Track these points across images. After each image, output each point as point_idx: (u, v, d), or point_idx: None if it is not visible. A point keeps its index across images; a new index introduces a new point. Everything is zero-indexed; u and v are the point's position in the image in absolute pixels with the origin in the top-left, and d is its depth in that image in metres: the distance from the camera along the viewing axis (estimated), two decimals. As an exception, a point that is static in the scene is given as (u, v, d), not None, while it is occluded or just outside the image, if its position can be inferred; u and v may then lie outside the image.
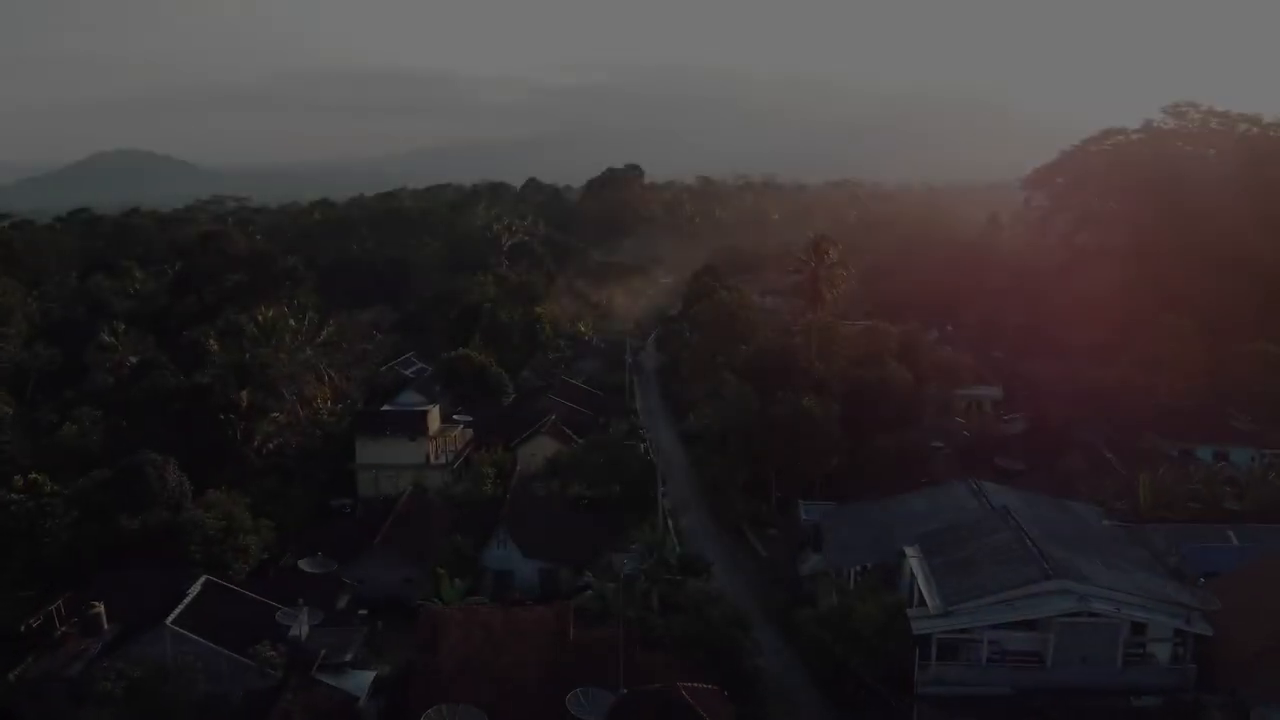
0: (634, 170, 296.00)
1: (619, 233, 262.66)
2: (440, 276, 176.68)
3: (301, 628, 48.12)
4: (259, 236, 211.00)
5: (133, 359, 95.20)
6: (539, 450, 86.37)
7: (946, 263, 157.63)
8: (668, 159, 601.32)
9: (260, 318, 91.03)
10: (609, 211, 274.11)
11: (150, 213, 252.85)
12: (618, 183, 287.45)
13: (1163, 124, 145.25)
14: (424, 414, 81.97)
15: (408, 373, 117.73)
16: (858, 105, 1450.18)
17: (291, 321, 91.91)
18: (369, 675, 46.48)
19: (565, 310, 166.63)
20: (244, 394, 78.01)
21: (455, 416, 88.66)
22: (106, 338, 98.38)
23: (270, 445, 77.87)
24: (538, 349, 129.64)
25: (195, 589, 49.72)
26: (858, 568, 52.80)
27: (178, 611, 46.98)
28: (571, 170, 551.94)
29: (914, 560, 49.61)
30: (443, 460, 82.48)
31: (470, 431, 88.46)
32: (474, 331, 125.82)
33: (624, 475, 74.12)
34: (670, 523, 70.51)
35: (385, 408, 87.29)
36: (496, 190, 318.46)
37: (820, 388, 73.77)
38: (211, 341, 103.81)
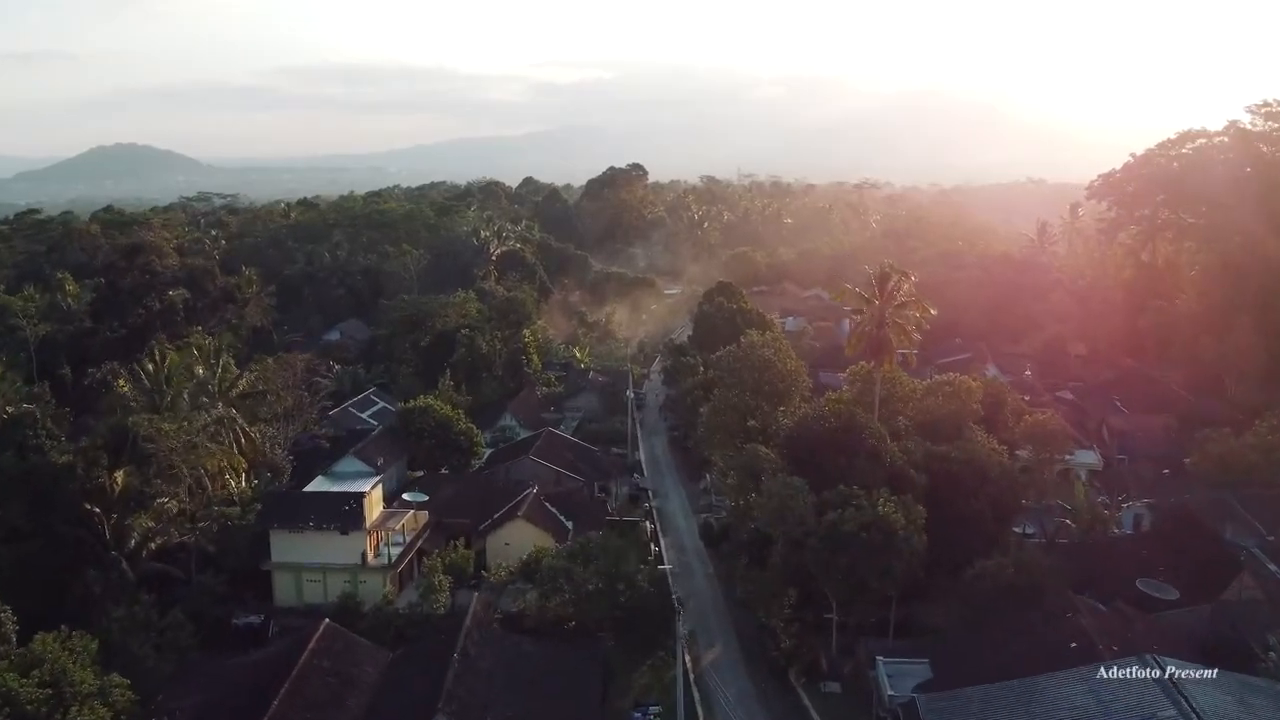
0: (637, 169, 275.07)
1: (620, 238, 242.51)
2: (421, 288, 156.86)
3: None
4: (223, 241, 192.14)
5: (9, 410, 74.88)
6: (515, 538, 66.72)
7: (993, 279, 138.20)
8: (670, 158, 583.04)
9: (152, 365, 70.97)
10: (610, 214, 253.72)
11: (117, 212, 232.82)
12: (619, 182, 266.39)
13: (1250, 125, 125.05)
14: (359, 499, 61.96)
15: (365, 415, 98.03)
16: (859, 106, 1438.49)
17: (199, 369, 71.62)
18: None
19: (559, 330, 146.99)
20: (118, 475, 58.12)
21: (406, 496, 68.60)
22: (-23, 382, 78.34)
23: (152, 545, 58.03)
24: (523, 384, 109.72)
25: None
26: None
27: None
28: (572, 168, 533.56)
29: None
30: (384, 559, 62.63)
31: (426, 514, 68.51)
32: (447, 364, 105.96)
33: (625, 596, 54.31)
34: (690, 673, 50.82)
35: (314, 485, 67.30)
36: (490, 189, 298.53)
37: (898, 478, 53.93)
38: (122, 383, 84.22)
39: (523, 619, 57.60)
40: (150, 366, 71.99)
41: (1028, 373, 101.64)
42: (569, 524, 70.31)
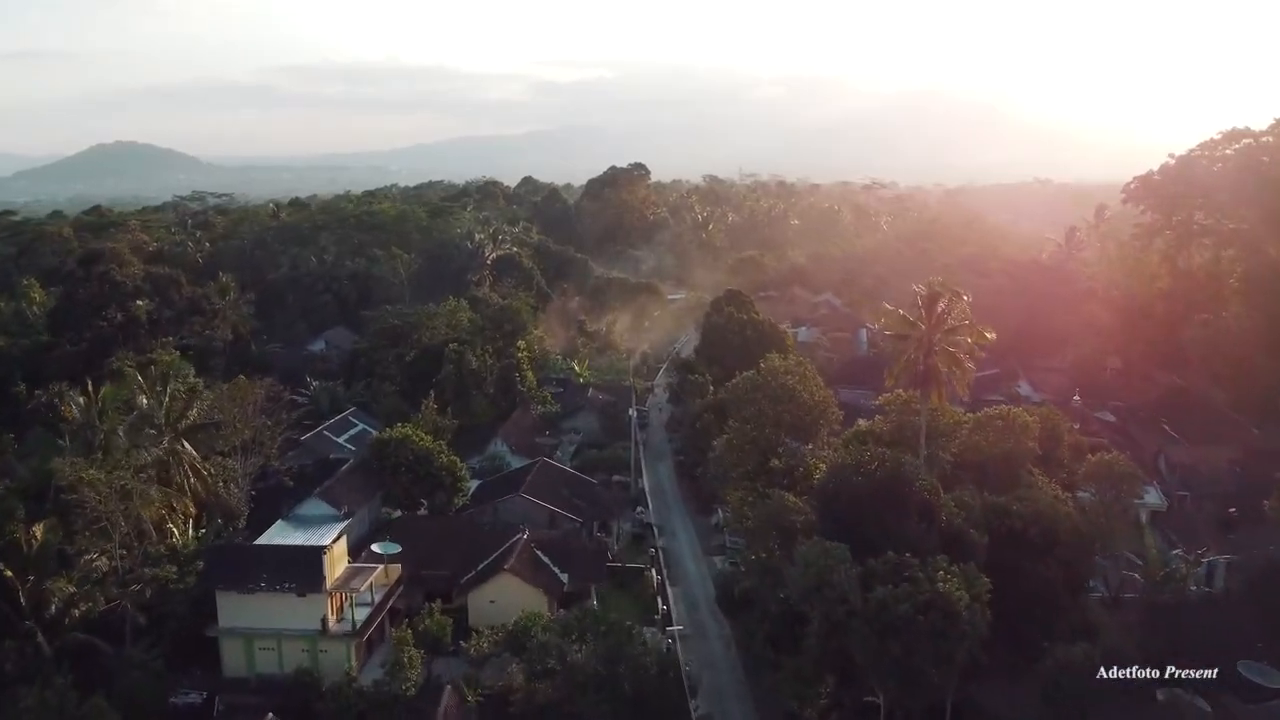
0: (639, 169, 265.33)
1: (622, 240, 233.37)
2: (412, 294, 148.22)
3: None
4: (206, 244, 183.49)
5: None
6: (501, 595, 58.20)
7: (1021, 287, 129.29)
8: (670, 158, 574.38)
9: (84, 398, 62.27)
10: (611, 214, 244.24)
11: (101, 213, 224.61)
12: (621, 182, 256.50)
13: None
14: (319, 555, 53.24)
15: (342, 439, 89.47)
16: (859, 106, 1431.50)
17: (143, 399, 62.77)
18: None
19: (557, 340, 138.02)
20: (37, 529, 49.53)
21: (375, 547, 59.79)
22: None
23: (76, 612, 49.38)
24: (516, 404, 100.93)
25: None
26: None
27: None
28: (572, 168, 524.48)
29: None
30: (348, 624, 53.92)
31: (398, 567, 59.79)
32: (434, 381, 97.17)
33: (628, 682, 45.64)
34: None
35: (272, 531, 58.65)
36: (487, 189, 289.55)
37: (955, 540, 45.32)
38: (71, 406, 75.55)
39: (508, 699, 49.04)
40: (82, 399, 63.24)
41: (1076, 398, 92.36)
42: (563, 575, 61.75)
